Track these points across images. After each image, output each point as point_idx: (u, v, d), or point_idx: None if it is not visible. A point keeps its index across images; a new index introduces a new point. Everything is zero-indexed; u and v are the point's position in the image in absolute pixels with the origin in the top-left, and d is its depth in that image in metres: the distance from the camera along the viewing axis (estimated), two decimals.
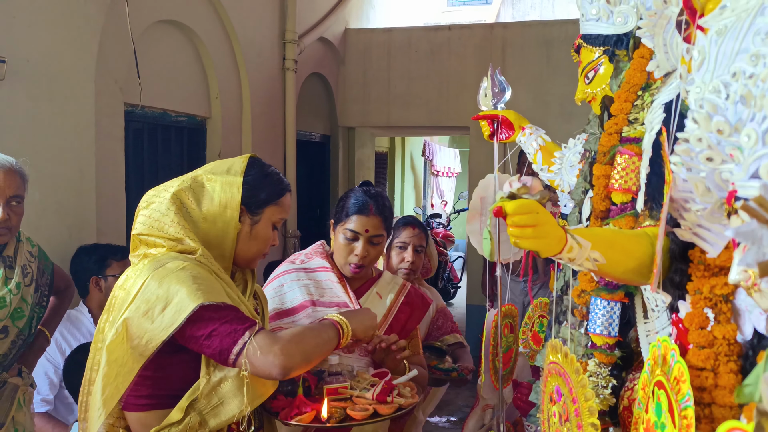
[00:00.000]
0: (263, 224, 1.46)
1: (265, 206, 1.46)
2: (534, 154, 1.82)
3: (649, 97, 1.27)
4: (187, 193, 1.42)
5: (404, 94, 5.78)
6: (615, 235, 1.16)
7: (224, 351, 1.26)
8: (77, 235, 2.87)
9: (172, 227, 1.38)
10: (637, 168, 1.25)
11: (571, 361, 1.10)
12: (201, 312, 1.26)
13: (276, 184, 1.49)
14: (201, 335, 1.26)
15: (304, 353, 1.31)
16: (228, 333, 1.26)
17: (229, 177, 1.44)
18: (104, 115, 3.06)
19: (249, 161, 1.49)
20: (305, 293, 1.82)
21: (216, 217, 1.41)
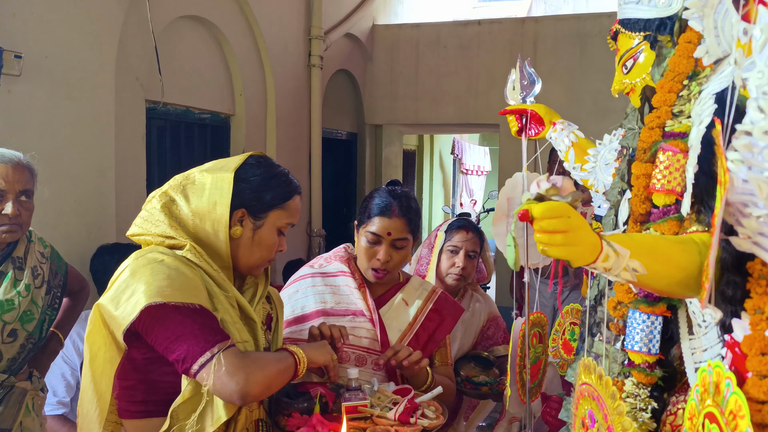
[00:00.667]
0: (267, 229, 1.35)
1: (270, 210, 1.35)
2: (566, 152, 1.69)
3: (696, 86, 1.14)
4: (176, 191, 1.33)
5: (433, 90, 5.65)
6: (657, 242, 1.03)
7: (188, 359, 1.16)
8: (96, 234, 2.83)
9: (160, 226, 1.30)
10: (682, 166, 1.12)
11: (606, 385, 0.98)
12: (169, 311, 1.17)
13: (283, 186, 1.37)
14: (167, 337, 1.17)
15: (267, 381, 1.23)
16: (196, 341, 1.17)
17: (221, 173, 1.33)
18: (125, 112, 3.02)
19: (252, 160, 1.38)
20: (318, 301, 1.73)
21: (204, 215, 1.31)
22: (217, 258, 1.33)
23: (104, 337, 1.23)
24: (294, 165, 4.67)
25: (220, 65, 3.90)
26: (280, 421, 1.39)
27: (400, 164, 6.88)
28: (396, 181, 1.86)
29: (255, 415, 1.38)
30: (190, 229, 1.32)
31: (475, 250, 2.23)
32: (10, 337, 1.86)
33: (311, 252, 4.83)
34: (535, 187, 0.98)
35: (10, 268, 1.88)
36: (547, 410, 1.82)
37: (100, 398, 1.24)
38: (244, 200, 1.33)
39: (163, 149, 3.58)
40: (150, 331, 1.18)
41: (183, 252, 1.29)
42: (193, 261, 1.28)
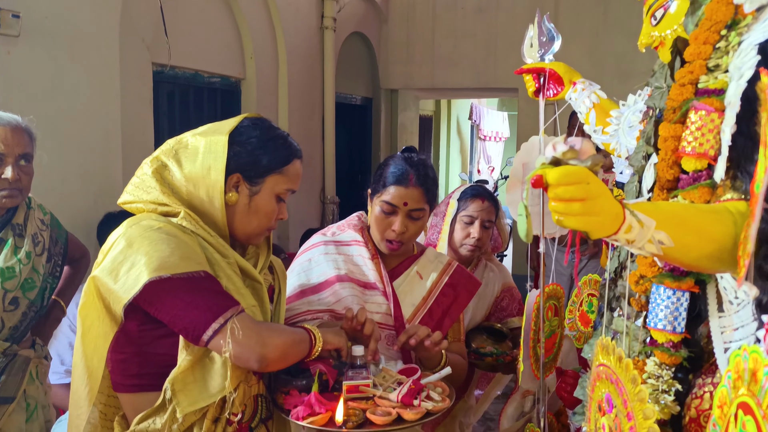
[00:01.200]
0: (264, 196, 1.27)
1: (267, 175, 1.27)
2: (586, 114, 1.57)
3: (735, 37, 1.01)
4: (168, 155, 1.25)
5: (450, 54, 5.48)
6: (687, 212, 0.93)
7: (199, 326, 1.10)
8: (102, 201, 2.78)
9: (152, 192, 1.23)
10: (716, 127, 1.01)
11: (626, 368, 0.89)
12: (174, 283, 1.11)
13: (281, 149, 1.28)
14: (174, 306, 1.11)
15: (284, 347, 1.18)
16: (205, 308, 1.11)
17: (215, 136, 1.24)
18: (131, 75, 2.94)
19: (247, 122, 1.29)
20: (333, 267, 1.65)
21: (198, 180, 1.23)
22: (213, 226, 1.26)
23: (98, 310, 1.17)
24: (307, 131, 4.57)
25: (230, 27, 3.79)
26: (278, 398, 1.33)
27: (416, 130, 6.74)
28: (412, 148, 1.75)
29: (254, 390, 1.32)
30: (184, 196, 1.24)
31: (491, 219, 2.12)
32: (12, 305, 1.82)
33: (325, 219, 4.76)
34: (551, 149, 0.88)
35: (10, 236, 1.83)
36: (563, 386, 1.75)
37: (91, 375, 1.18)
38: (240, 164, 1.24)
39: (172, 114, 3.51)
40: (155, 303, 1.12)
41: (177, 220, 1.21)
42: (189, 228, 1.21)
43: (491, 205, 2.13)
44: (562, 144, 0.87)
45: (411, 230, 1.62)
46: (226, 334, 1.10)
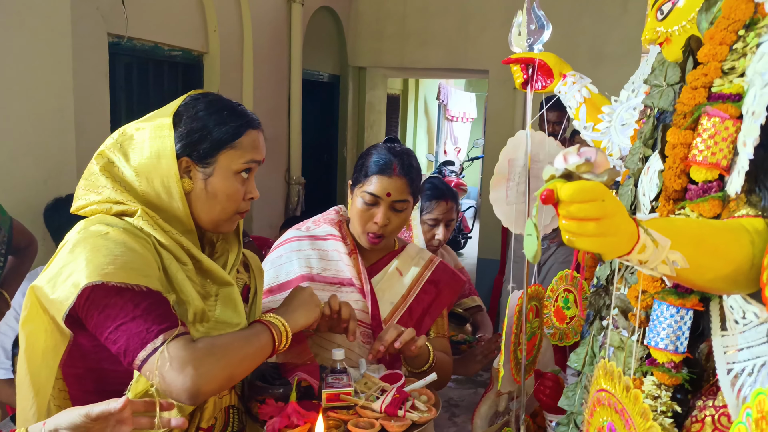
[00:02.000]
0: (220, 176, 1.15)
1: (217, 152, 1.14)
2: (577, 108, 1.50)
3: (754, 38, 0.94)
4: (113, 150, 1.14)
5: (421, 31, 5.34)
6: (702, 230, 0.86)
7: (129, 352, 1.00)
8: (55, 181, 2.60)
9: (104, 191, 1.11)
10: (730, 135, 0.94)
11: (635, 400, 0.83)
12: (109, 294, 1.00)
13: (229, 121, 1.15)
14: (108, 326, 1.00)
15: (225, 371, 1.05)
16: (138, 331, 1.00)
17: (159, 120, 1.13)
18: (84, 46, 2.73)
19: (190, 98, 1.17)
20: (303, 265, 1.56)
21: (150, 171, 1.12)
22: (175, 222, 1.14)
23: (44, 323, 1.05)
24: (272, 108, 4.40)
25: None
26: (253, 408, 1.24)
27: (384, 109, 6.61)
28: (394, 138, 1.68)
29: (225, 401, 1.22)
30: (139, 192, 1.12)
31: (453, 217, 2.14)
32: None
33: (290, 200, 4.63)
34: (562, 161, 0.79)
35: None
36: (541, 388, 1.70)
37: (39, 393, 1.06)
38: (185, 146, 1.13)
39: (129, 88, 3.30)
40: (89, 317, 1.01)
41: (134, 219, 1.09)
42: (146, 230, 1.09)
43: (453, 203, 2.17)
44: (574, 155, 0.78)
45: (394, 223, 1.54)
46: (155, 363, 0.98)
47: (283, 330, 1.18)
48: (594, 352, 1.31)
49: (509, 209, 1.57)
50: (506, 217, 1.58)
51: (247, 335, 1.14)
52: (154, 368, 0.98)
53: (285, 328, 1.18)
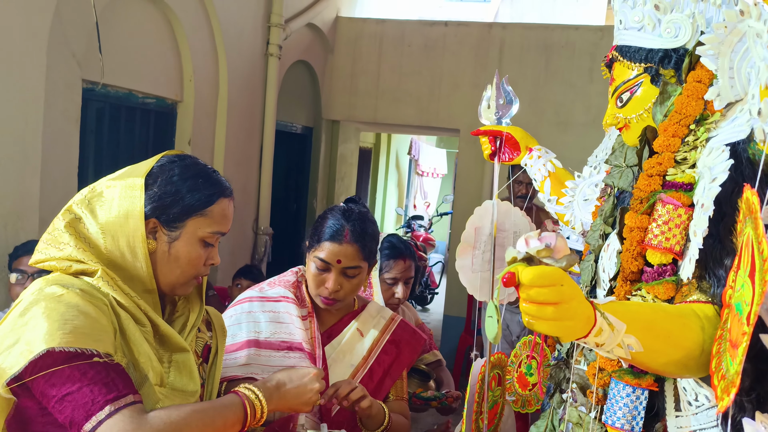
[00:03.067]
0: (185, 241, 1.14)
1: (186, 218, 1.13)
2: (542, 182, 1.55)
3: (704, 132, 1.00)
4: (81, 206, 1.12)
5: (394, 89, 5.48)
6: (656, 315, 0.89)
7: (74, 424, 0.96)
8: (15, 225, 2.54)
9: (65, 249, 1.09)
10: (683, 222, 0.98)
11: None
12: (56, 362, 0.96)
13: (203, 188, 1.15)
14: (54, 396, 0.97)
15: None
16: (83, 402, 0.96)
17: (130, 179, 1.12)
18: (57, 91, 2.72)
19: (165, 159, 1.17)
20: (251, 330, 1.54)
21: (117, 230, 1.10)
22: (136, 281, 1.12)
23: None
24: (244, 158, 4.42)
25: (169, 47, 3.62)
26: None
27: (356, 162, 6.69)
28: (354, 198, 1.68)
29: None
30: (102, 251, 1.10)
31: (412, 276, 2.16)
32: None
33: (256, 251, 4.59)
34: (524, 245, 0.82)
35: None
36: None
37: None
38: (155, 208, 1.12)
39: (100, 135, 3.29)
40: (35, 384, 0.97)
41: (93, 280, 1.07)
42: (104, 290, 1.07)
43: (411, 262, 2.18)
44: (535, 240, 0.81)
45: (346, 288, 1.53)
46: None
47: (258, 407, 1.12)
48: (554, 426, 1.32)
49: (474, 277, 1.59)
50: (471, 284, 1.60)
51: (212, 409, 1.09)
52: None
53: (261, 406, 1.13)
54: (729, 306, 0.78)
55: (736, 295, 0.74)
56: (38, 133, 2.63)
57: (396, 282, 2.13)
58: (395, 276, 2.12)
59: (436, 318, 6.30)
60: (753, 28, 0.88)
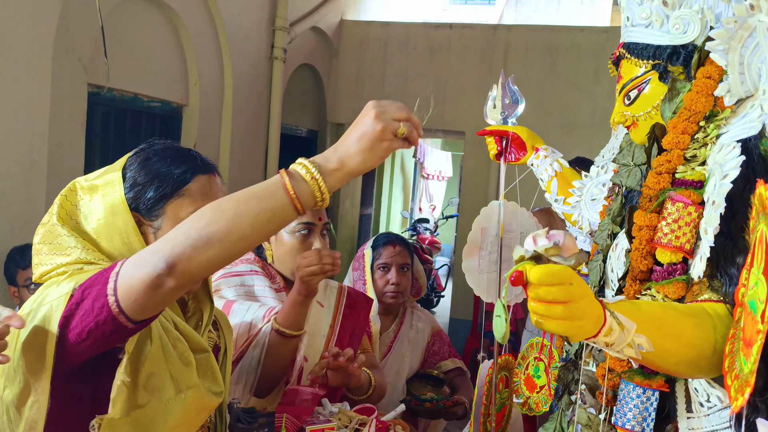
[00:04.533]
0: (167, 229, 1.04)
1: (164, 203, 1.05)
2: (548, 182, 1.53)
3: (714, 129, 0.99)
4: (70, 210, 1.07)
5: (399, 92, 5.47)
6: (667, 314, 0.87)
7: (100, 309, 0.88)
8: (21, 229, 2.55)
9: (73, 252, 1.03)
10: (693, 220, 0.97)
11: None
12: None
13: (174, 168, 1.05)
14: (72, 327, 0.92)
15: (210, 226, 0.85)
16: (94, 283, 0.91)
17: (109, 175, 1.06)
18: (64, 96, 2.73)
19: (138, 149, 1.10)
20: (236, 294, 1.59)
21: (109, 229, 1.05)
22: None
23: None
24: (249, 161, 4.42)
25: (175, 51, 3.63)
26: None
27: None
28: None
29: None
30: (105, 251, 1.06)
31: (407, 263, 2.17)
32: None
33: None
34: (531, 243, 0.81)
35: None
36: None
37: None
38: (133, 198, 1.05)
39: (106, 139, 3.30)
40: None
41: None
42: None
43: (403, 249, 2.18)
44: (543, 238, 0.80)
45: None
46: (117, 286, 0.88)
47: (314, 186, 0.89)
48: (562, 428, 1.30)
49: (481, 278, 1.58)
50: (478, 285, 1.59)
51: (250, 192, 0.90)
52: (117, 274, 0.88)
53: (312, 176, 0.89)
54: (742, 304, 0.77)
55: (750, 293, 0.72)
56: (44, 137, 2.63)
57: (388, 267, 2.11)
58: (386, 261, 2.11)
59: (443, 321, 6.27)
60: (763, 23, 0.87)
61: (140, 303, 0.87)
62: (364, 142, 0.90)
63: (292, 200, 0.88)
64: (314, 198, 0.90)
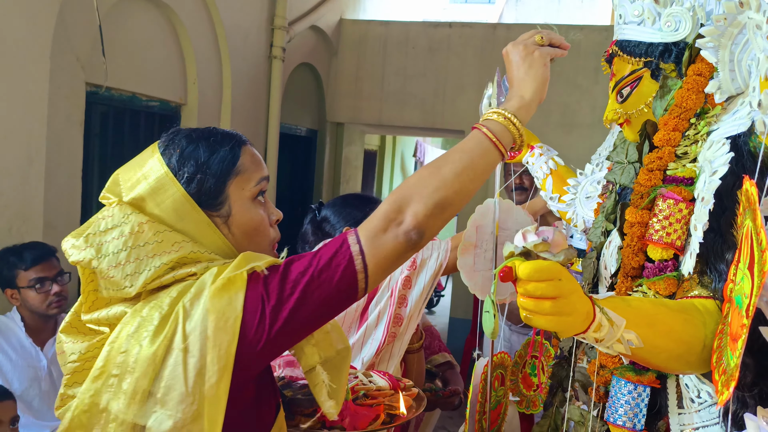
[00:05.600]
0: (239, 209, 0.99)
1: (224, 186, 0.98)
2: (543, 179, 1.53)
3: (704, 126, 0.99)
4: (137, 206, 0.97)
5: (398, 91, 5.48)
6: (657, 310, 0.88)
7: (337, 258, 0.89)
8: (19, 229, 2.55)
9: (184, 247, 0.94)
10: (684, 217, 0.97)
11: None
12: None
13: (219, 147, 0.99)
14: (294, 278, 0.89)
15: (437, 193, 0.91)
16: (331, 242, 0.91)
17: (152, 179, 0.97)
18: (61, 95, 2.73)
19: (164, 145, 1.01)
20: None
21: (188, 232, 0.97)
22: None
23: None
24: None
25: (173, 50, 3.63)
26: (301, 422, 1.21)
27: (361, 165, 6.68)
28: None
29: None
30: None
31: None
32: None
33: None
34: (521, 239, 0.81)
35: None
36: None
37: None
38: (195, 194, 0.97)
39: (104, 138, 3.30)
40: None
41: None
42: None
43: None
44: (533, 234, 0.80)
45: None
46: (366, 248, 0.90)
47: (507, 123, 0.98)
48: (556, 424, 1.30)
49: (476, 276, 1.58)
50: (473, 283, 1.59)
51: (455, 152, 0.97)
52: (356, 242, 0.90)
53: (509, 121, 0.98)
54: (730, 300, 0.77)
55: (737, 288, 0.73)
56: (42, 136, 2.64)
57: None
58: None
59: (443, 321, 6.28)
60: (753, 20, 0.87)
61: (387, 271, 0.93)
62: (521, 67, 1.04)
63: (494, 144, 0.96)
64: (511, 134, 0.98)
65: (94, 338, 0.96)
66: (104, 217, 0.96)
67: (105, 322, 0.95)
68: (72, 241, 0.96)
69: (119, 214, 0.95)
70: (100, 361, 0.90)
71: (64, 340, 0.98)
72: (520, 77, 1.03)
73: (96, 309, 0.96)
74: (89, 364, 0.94)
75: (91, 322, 0.96)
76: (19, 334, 2.18)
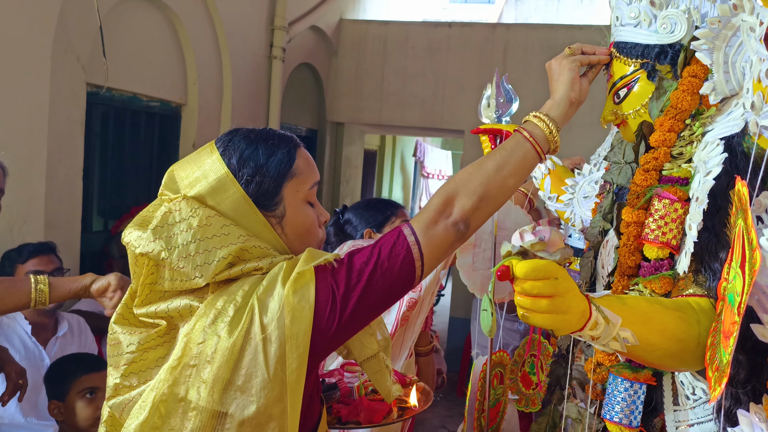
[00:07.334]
0: (293, 210, 1.03)
1: (281, 187, 1.02)
2: (542, 180, 1.55)
3: (699, 127, 1.00)
4: (195, 201, 1.00)
5: (398, 91, 5.49)
6: (652, 309, 0.89)
7: (396, 253, 0.95)
8: (20, 229, 2.56)
9: (244, 240, 0.98)
10: (679, 217, 0.98)
11: None
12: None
13: (277, 149, 1.02)
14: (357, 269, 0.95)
15: (481, 188, 0.99)
16: (386, 235, 0.98)
17: (212, 178, 1.00)
18: (62, 95, 2.75)
19: (222, 141, 1.04)
20: None
21: (249, 220, 1.01)
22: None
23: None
24: None
25: (174, 51, 3.64)
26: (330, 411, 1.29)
27: (361, 164, 6.69)
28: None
29: None
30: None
31: None
32: None
33: None
34: (518, 238, 0.82)
35: None
36: None
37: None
38: (253, 195, 1.00)
39: (105, 138, 3.31)
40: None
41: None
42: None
43: None
44: (529, 233, 0.82)
45: None
46: (423, 243, 0.97)
47: (542, 124, 1.08)
48: (554, 422, 1.32)
49: (475, 275, 1.60)
50: (472, 282, 1.60)
51: (495, 154, 1.05)
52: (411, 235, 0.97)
53: (543, 121, 1.09)
54: (723, 298, 0.78)
55: (729, 286, 0.74)
56: (43, 137, 2.65)
57: None
58: None
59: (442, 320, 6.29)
60: (747, 22, 0.89)
61: (439, 259, 1.00)
62: (553, 75, 1.16)
63: (532, 144, 1.06)
64: (545, 135, 1.08)
65: (152, 329, 0.98)
66: (171, 210, 0.98)
67: (164, 314, 0.97)
68: (137, 234, 0.97)
69: (186, 208, 0.98)
70: (177, 351, 0.93)
71: (118, 330, 1.00)
72: (553, 83, 1.16)
73: (149, 303, 0.98)
74: (147, 354, 0.97)
75: (147, 315, 0.98)
76: (22, 333, 2.19)
